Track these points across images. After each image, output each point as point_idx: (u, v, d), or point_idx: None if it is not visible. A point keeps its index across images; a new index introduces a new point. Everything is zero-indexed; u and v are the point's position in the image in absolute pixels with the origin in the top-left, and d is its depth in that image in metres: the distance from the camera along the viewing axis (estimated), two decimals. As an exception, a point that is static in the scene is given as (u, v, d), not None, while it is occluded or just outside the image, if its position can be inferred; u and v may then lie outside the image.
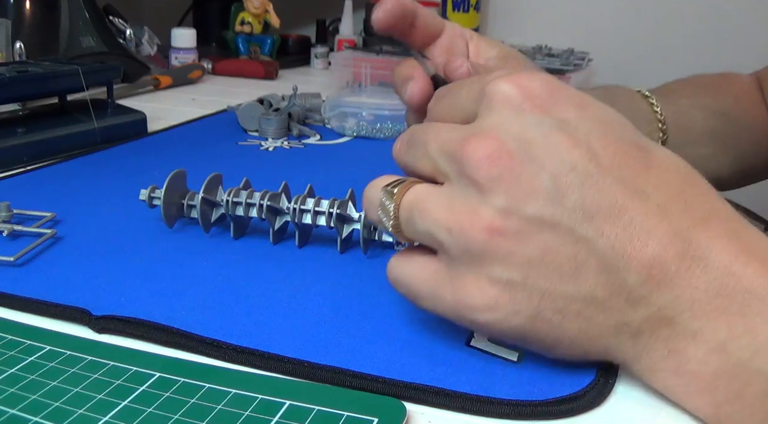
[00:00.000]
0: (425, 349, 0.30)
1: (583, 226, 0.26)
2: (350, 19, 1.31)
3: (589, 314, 0.27)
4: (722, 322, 0.25)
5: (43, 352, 0.29)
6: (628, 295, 0.26)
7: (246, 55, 1.19)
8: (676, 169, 0.28)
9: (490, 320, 0.28)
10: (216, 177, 0.44)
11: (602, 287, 0.26)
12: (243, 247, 0.43)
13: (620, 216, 0.26)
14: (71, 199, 0.49)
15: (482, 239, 0.27)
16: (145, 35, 1.07)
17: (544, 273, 0.26)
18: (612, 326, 0.27)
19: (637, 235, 0.25)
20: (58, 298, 0.34)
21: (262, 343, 0.31)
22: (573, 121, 0.27)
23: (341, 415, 0.26)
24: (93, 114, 0.63)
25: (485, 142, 0.27)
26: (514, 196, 0.26)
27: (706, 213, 0.26)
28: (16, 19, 0.82)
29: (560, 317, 0.27)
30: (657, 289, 0.25)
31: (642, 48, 1.39)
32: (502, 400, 0.28)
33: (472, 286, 0.27)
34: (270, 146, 0.68)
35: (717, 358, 0.25)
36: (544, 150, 0.26)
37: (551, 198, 0.26)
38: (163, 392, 0.27)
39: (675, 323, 0.26)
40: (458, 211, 0.27)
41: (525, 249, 0.26)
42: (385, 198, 0.30)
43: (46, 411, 0.25)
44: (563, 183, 0.26)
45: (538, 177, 0.26)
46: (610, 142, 0.27)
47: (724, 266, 0.25)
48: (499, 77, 0.29)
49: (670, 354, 0.26)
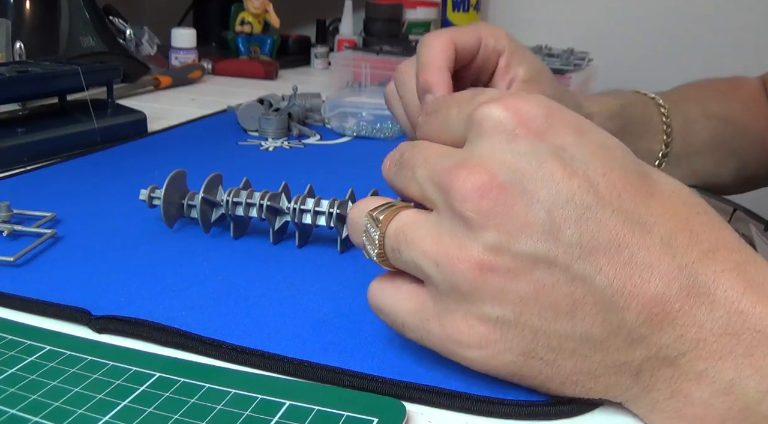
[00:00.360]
0: (425, 349, 0.29)
1: (580, 263, 0.24)
2: (350, 19, 1.31)
3: (585, 353, 0.25)
4: (729, 362, 0.24)
5: (43, 352, 0.29)
6: (627, 334, 0.25)
7: (246, 55, 1.19)
8: (680, 198, 0.26)
9: (480, 356, 0.26)
10: (216, 177, 0.44)
11: (599, 326, 0.25)
12: (243, 247, 0.43)
13: (620, 251, 0.24)
14: (71, 199, 0.49)
15: (471, 276, 0.25)
16: (145, 35, 1.07)
17: (538, 311, 0.25)
18: (610, 366, 0.25)
19: (638, 271, 0.24)
20: (58, 298, 0.34)
21: (262, 343, 0.31)
22: (570, 147, 0.26)
23: (341, 415, 0.26)
24: (93, 114, 0.63)
25: (474, 174, 0.25)
26: (505, 231, 0.25)
27: (712, 245, 0.25)
28: (16, 19, 0.82)
29: (554, 355, 0.26)
30: (659, 328, 0.24)
31: (642, 48, 1.39)
32: (502, 400, 0.28)
33: (461, 322, 0.26)
34: (270, 146, 0.68)
35: (723, 401, 0.24)
36: (539, 181, 0.25)
37: (546, 233, 0.25)
38: (163, 392, 0.27)
39: (678, 363, 0.24)
40: (447, 244, 0.26)
41: (517, 286, 0.25)
42: (370, 225, 0.29)
43: (46, 411, 0.25)
44: (559, 217, 0.24)
45: (531, 211, 0.25)
46: (610, 169, 0.25)
47: (731, 304, 0.24)
48: (491, 101, 0.27)
49: (673, 395, 0.25)
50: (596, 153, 0.26)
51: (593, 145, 0.26)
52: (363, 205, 0.30)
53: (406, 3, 1.31)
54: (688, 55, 1.35)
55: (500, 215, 0.25)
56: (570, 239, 0.24)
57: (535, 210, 0.25)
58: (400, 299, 0.29)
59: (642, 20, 1.39)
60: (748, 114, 0.59)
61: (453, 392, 0.28)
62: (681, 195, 0.26)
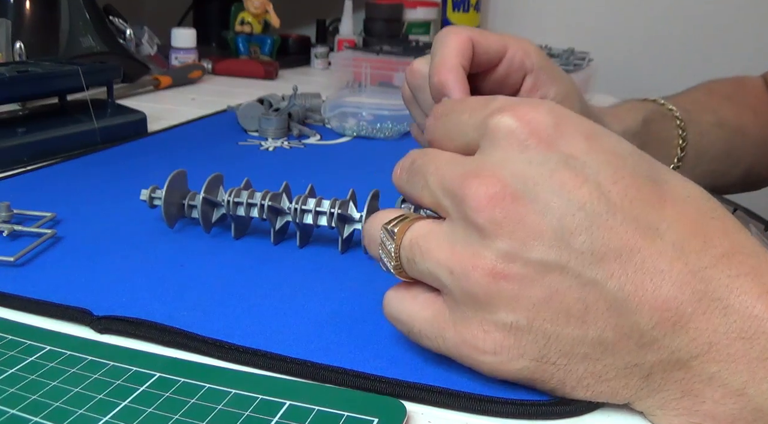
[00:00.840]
0: (425, 349, 0.30)
1: (591, 269, 0.25)
2: (350, 19, 1.31)
3: (597, 356, 0.26)
4: (742, 366, 0.24)
5: (43, 352, 0.29)
6: (639, 338, 0.25)
7: (246, 55, 1.19)
8: (693, 203, 0.26)
9: (495, 362, 0.27)
10: (217, 177, 0.44)
11: (611, 330, 0.25)
12: (244, 247, 0.43)
13: (631, 257, 0.24)
14: (71, 199, 0.49)
15: (485, 283, 0.26)
16: (145, 35, 1.07)
17: (550, 316, 0.25)
18: (621, 368, 0.26)
19: (650, 276, 0.24)
20: (59, 298, 0.34)
21: (263, 343, 0.31)
22: (581, 155, 0.26)
23: (341, 415, 0.26)
24: (93, 114, 0.63)
25: (487, 183, 0.26)
26: (517, 239, 0.25)
27: (727, 249, 0.25)
28: (16, 19, 0.82)
29: (566, 359, 0.26)
30: (671, 332, 0.24)
31: (642, 48, 1.39)
32: (502, 400, 0.28)
33: (476, 329, 0.27)
34: (270, 146, 0.68)
35: (735, 401, 0.24)
36: (550, 190, 0.25)
37: (558, 240, 0.25)
38: (163, 392, 0.27)
39: (689, 365, 0.25)
40: (460, 252, 0.26)
41: (530, 292, 0.25)
42: (386, 238, 0.29)
43: (46, 411, 0.25)
44: (570, 224, 0.25)
45: (543, 219, 0.25)
46: (622, 176, 0.26)
47: (745, 309, 0.24)
48: (503, 109, 0.27)
49: (684, 395, 0.25)
50: (607, 160, 0.26)
51: (604, 152, 0.26)
52: (377, 219, 0.30)
53: (406, 3, 1.32)
54: (688, 54, 1.35)
55: (513, 224, 0.25)
56: (582, 246, 0.25)
57: (546, 218, 0.25)
58: (417, 309, 0.29)
59: (642, 20, 1.39)
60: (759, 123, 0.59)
61: (453, 391, 0.28)
62: (695, 200, 0.26)
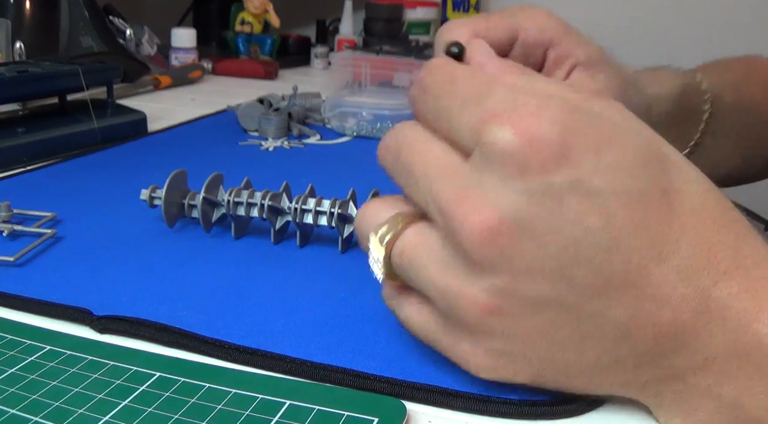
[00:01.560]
0: (426, 348, 0.29)
1: (591, 302, 0.24)
2: (350, 19, 1.31)
3: (593, 374, 0.26)
4: (739, 380, 0.24)
5: (43, 352, 0.29)
6: (636, 359, 0.25)
7: (246, 55, 1.19)
8: (702, 214, 0.25)
9: (489, 376, 0.27)
10: (217, 177, 0.44)
11: (608, 355, 0.25)
12: (244, 247, 0.43)
13: (632, 285, 0.24)
14: (71, 200, 0.49)
15: (477, 315, 0.25)
16: (145, 35, 1.07)
17: (546, 345, 0.25)
18: (616, 383, 0.26)
19: (651, 302, 0.24)
20: (59, 298, 0.34)
21: (263, 342, 0.31)
22: (587, 177, 0.23)
23: (341, 415, 0.26)
24: (93, 114, 0.63)
25: (482, 215, 0.23)
26: (512, 275, 0.24)
27: (730, 264, 0.24)
28: (16, 19, 0.82)
29: (562, 376, 0.26)
30: (670, 352, 0.24)
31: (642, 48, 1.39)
32: (502, 400, 0.27)
33: (468, 346, 0.26)
34: (270, 146, 0.68)
35: (730, 412, 0.24)
36: (552, 223, 0.23)
37: (556, 276, 0.24)
38: (163, 391, 0.27)
39: (686, 380, 0.25)
40: (451, 276, 0.25)
41: (525, 326, 0.25)
42: (375, 247, 0.28)
43: (46, 411, 0.25)
44: (570, 258, 0.23)
45: (541, 254, 0.23)
46: (629, 198, 0.24)
47: (744, 326, 0.23)
48: (501, 116, 0.24)
49: (679, 404, 0.25)
50: (616, 179, 0.24)
51: (614, 169, 0.24)
52: (369, 219, 0.29)
53: (406, 3, 1.32)
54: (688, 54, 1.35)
55: (508, 261, 0.24)
56: (582, 279, 0.24)
57: (546, 253, 0.23)
58: (411, 312, 0.29)
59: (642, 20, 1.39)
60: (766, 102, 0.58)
61: (453, 391, 0.28)
62: (704, 209, 0.25)
